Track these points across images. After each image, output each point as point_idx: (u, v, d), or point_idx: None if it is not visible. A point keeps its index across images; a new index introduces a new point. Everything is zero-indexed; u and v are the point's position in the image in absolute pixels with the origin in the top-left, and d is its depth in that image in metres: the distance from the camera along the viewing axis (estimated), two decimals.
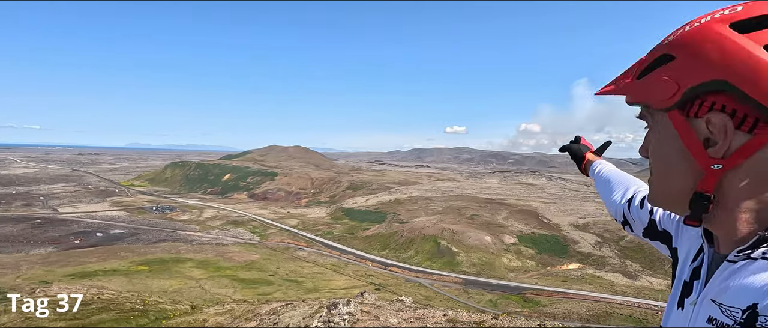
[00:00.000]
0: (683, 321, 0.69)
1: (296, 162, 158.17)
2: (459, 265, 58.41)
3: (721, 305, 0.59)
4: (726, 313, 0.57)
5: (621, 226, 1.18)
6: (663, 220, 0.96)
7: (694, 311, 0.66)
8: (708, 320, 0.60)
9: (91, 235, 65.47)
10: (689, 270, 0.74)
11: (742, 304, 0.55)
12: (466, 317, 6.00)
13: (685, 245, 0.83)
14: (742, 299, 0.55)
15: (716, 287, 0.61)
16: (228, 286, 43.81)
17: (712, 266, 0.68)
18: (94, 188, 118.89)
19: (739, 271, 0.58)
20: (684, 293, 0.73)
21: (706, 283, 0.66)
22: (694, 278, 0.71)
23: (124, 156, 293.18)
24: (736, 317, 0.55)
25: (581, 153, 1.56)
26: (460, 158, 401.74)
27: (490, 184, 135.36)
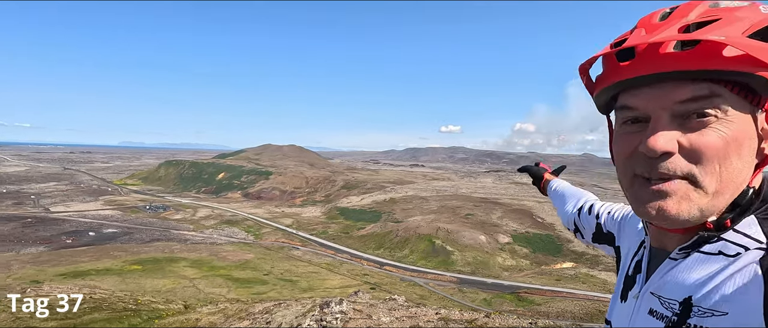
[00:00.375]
0: (627, 313, 0.72)
1: (291, 161, 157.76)
2: (454, 264, 58.60)
3: (661, 298, 0.62)
4: (665, 305, 0.61)
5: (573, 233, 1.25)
6: (607, 222, 1.01)
7: (636, 304, 0.69)
8: (649, 312, 0.64)
9: (83, 234, 64.91)
10: (632, 264, 0.77)
11: (679, 296, 0.59)
12: (458, 315, 6.04)
13: (626, 243, 0.87)
14: (679, 292, 0.59)
15: (657, 281, 0.65)
16: (222, 285, 43.65)
17: (651, 260, 0.70)
18: (87, 186, 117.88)
19: (677, 266, 0.62)
20: (627, 286, 0.75)
21: (647, 277, 0.69)
22: (636, 272, 0.74)
23: (116, 154, 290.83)
24: (674, 308, 0.59)
25: (539, 174, 1.66)
26: (455, 158, 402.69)
27: (485, 183, 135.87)
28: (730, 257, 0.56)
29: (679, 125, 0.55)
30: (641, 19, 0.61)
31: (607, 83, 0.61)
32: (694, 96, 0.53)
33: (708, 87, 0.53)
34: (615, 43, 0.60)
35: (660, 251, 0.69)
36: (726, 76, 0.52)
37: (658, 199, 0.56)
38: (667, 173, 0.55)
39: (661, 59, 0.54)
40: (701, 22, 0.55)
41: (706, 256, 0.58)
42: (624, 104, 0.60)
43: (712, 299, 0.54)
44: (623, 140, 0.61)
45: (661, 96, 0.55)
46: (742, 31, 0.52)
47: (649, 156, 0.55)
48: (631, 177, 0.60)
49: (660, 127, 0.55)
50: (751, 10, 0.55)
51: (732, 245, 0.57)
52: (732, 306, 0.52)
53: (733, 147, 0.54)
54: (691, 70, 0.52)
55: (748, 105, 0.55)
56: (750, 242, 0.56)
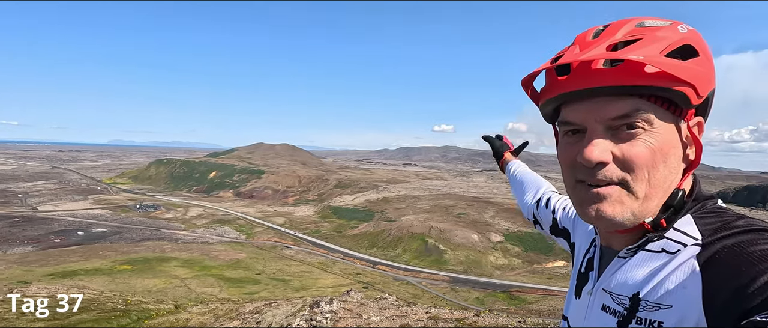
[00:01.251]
0: (582, 309, 0.77)
1: (283, 160, 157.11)
2: (446, 263, 58.81)
3: (613, 294, 0.67)
4: (616, 301, 0.66)
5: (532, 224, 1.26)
6: (562, 218, 1.05)
7: (590, 300, 0.74)
8: (602, 307, 0.69)
9: (72, 234, 64.03)
10: (584, 262, 0.82)
11: (628, 293, 0.64)
12: (449, 314, 6.07)
13: (579, 240, 0.92)
14: (628, 288, 0.64)
15: (607, 278, 0.70)
16: (213, 285, 43.36)
17: (603, 257, 0.76)
18: (76, 185, 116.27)
19: (626, 264, 0.67)
20: (580, 283, 0.80)
21: (599, 274, 0.74)
22: (588, 269, 0.79)
23: (106, 153, 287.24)
24: (625, 304, 0.64)
25: (501, 151, 1.65)
26: (447, 157, 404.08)
27: (478, 182, 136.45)
28: (671, 253, 0.61)
29: (611, 136, 0.61)
30: (577, 36, 0.67)
31: (548, 96, 0.67)
32: (623, 111, 0.59)
33: (634, 102, 0.59)
34: (554, 59, 0.66)
35: (609, 249, 0.74)
36: (649, 91, 0.58)
37: (596, 202, 0.62)
38: (603, 180, 0.61)
39: (592, 75, 0.59)
40: (627, 41, 0.61)
41: (650, 254, 0.63)
42: (564, 119, 0.66)
43: (657, 293, 0.59)
44: (565, 150, 0.66)
45: (595, 110, 0.61)
46: (660, 51, 0.58)
47: (586, 166, 0.61)
48: (574, 183, 0.66)
49: (594, 138, 0.61)
50: (670, 31, 0.61)
51: (672, 242, 0.62)
52: (675, 299, 0.56)
53: (660, 155, 0.60)
54: (619, 86, 0.58)
55: (672, 116, 0.61)
56: (687, 239, 0.60)
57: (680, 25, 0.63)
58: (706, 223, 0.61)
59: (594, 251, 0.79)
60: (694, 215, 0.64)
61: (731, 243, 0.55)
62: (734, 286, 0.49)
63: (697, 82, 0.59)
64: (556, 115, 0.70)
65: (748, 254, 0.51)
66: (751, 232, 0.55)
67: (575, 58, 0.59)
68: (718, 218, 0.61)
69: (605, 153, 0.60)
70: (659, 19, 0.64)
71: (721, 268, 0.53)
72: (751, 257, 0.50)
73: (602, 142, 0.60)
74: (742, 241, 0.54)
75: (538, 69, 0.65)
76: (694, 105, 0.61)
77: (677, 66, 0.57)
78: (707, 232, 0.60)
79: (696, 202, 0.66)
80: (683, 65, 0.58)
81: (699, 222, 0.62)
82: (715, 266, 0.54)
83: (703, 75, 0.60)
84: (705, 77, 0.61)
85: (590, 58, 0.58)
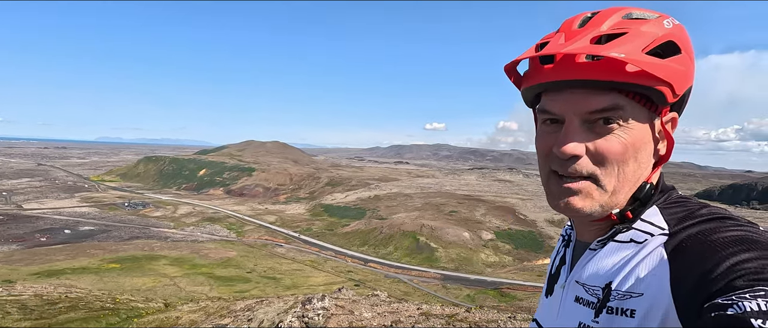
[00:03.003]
0: (554, 303, 0.78)
1: (274, 158, 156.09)
2: (438, 261, 59.07)
3: (585, 286, 0.68)
4: (589, 292, 0.67)
5: None
6: None
7: (563, 293, 0.75)
8: (575, 299, 0.70)
9: (58, 232, 62.94)
10: (556, 261, 0.84)
11: (600, 283, 0.65)
12: (440, 310, 6.13)
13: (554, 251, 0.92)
14: (600, 279, 0.65)
15: (580, 269, 0.71)
16: (204, 284, 42.99)
17: (575, 251, 0.78)
18: (62, 183, 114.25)
19: (596, 255, 0.68)
20: (553, 280, 0.82)
21: (571, 267, 0.76)
22: (560, 265, 0.81)
23: (93, 150, 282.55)
24: (598, 294, 0.65)
25: None
26: (439, 155, 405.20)
27: (469, 180, 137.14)
28: (640, 243, 0.62)
29: (587, 130, 0.62)
30: (565, 22, 0.68)
31: (530, 83, 0.68)
32: (601, 105, 0.60)
33: (613, 97, 0.60)
34: (539, 44, 0.66)
35: (581, 242, 0.76)
36: (628, 87, 0.59)
37: (567, 195, 0.64)
38: (575, 173, 0.63)
39: (575, 68, 0.60)
40: (611, 34, 0.61)
41: (619, 244, 0.65)
42: (544, 107, 0.67)
43: (628, 282, 0.60)
44: (542, 139, 0.68)
45: (574, 102, 0.62)
46: (642, 48, 0.58)
47: (560, 158, 0.63)
48: (548, 173, 0.67)
49: (571, 131, 0.62)
50: (656, 25, 0.61)
51: (640, 232, 0.64)
52: (646, 287, 0.58)
53: (631, 151, 0.62)
54: (599, 80, 0.59)
55: (647, 113, 0.62)
56: (654, 229, 0.62)
57: (666, 20, 0.63)
58: (672, 213, 0.63)
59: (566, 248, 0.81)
60: (660, 205, 0.66)
61: (696, 231, 0.57)
62: (699, 272, 0.51)
63: (675, 80, 0.60)
64: (536, 100, 0.70)
65: (712, 241, 0.53)
66: (714, 220, 0.58)
67: (559, 49, 0.59)
68: (682, 208, 0.64)
69: (579, 147, 0.61)
70: (647, 10, 0.64)
71: (686, 255, 0.55)
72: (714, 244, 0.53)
73: (578, 135, 0.62)
74: (706, 229, 0.56)
75: (522, 56, 0.65)
76: (670, 103, 0.62)
77: (657, 65, 0.58)
78: (673, 221, 0.62)
79: (662, 193, 0.68)
80: (663, 64, 0.58)
81: (664, 212, 0.64)
82: (682, 253, 0.56)
83: (682, 73, 0.61)
84: (684, 75, 0.61)
85: (573, 51, 0.58)
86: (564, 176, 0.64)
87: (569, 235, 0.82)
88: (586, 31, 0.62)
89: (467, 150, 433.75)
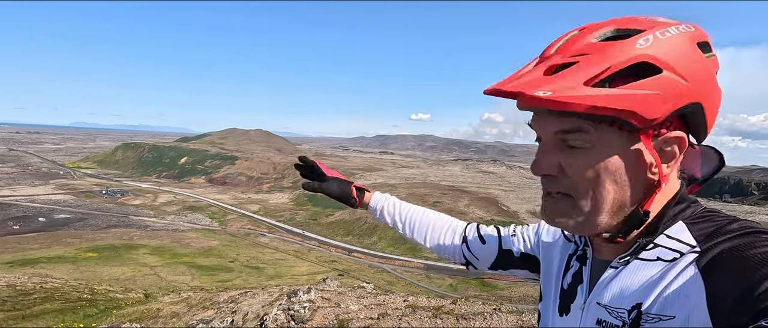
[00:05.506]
0: (572, 325, 0.73)
1: (257, 146, 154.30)
2: (421, 250, 59.62)
3: (608, 307, 0.64)
4: (613, 315, 0.62)
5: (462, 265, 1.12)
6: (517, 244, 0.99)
7: (583, 315, 0.70)
8: (597, 322, 0.65)
9: (32, 220, 61.10)
10: (569, 277, 0.78)
11: (626, 305, 0.61)
12: (426, 302, 6.16)
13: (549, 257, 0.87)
14: (626, 300, 0.61)
15: (601, 290, 0.66)
16: (185, 273, 42.43)
17: (593, 270, 0.72)
18: (36, 169, 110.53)
19: (619, 274, 0.64)
20: (568, 299, 0.76)
21: (590, 287, 0.70)
22: (576, 283, 0.74)
23: (68, 135, 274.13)
24: (623, 317, 0.61)
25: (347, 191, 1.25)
26: (424, 146, 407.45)
27: (453, 171, 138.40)
28: (667, 261, 0.59)
29: (560, 150, 0.61)
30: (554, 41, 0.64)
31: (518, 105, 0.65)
32: (563, 127, 0.59)
33: (575, 121, 0.58)
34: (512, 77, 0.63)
35: (599, 260, 0.71)
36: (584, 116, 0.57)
37: (549, 210, 0.64)
38: (552, 190, 0.63)
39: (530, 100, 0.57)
40: (565, 64, 0.58)
41: (645, 262, 0.61)
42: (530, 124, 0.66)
43: (658, 303, 0.57)
44: None
45: (543, 123, 0.62)
46: (585, 80, 0.56)
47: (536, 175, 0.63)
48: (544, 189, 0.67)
49: (545, 150, 0.62)
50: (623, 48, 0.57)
51: (667, 250, 0.60)
52: (678, 309, 0.55)
53: (606, 173, 0.59)
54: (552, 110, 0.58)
55: (619, 135, 0.58)
56: (683, 246, 0.59)
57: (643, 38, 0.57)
58: (700, 228, 0.60)
59: (580, 265, 0.76)
60: (687, 221, 0.62)
61: (730, 246, 0.54)
62: (739, 290, 0.48)
63: (637, 107, 0.55)
64: None
65: (750, 257, 0.50)
66: (747, 235, 0.54)
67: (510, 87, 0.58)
68: (711, 223, 0.60)
69: (552, 167, 0.61)
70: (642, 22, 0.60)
71: (723, 273, 0.52)
72: (752, 260, 0.50)
73: (551, 154, 0.61)
74: (741, 244, 0.53)
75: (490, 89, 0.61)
76: (640, 127, 0.57)
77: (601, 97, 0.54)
78: (701, 237, 0.58)
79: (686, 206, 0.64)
80: (610, 96, 0.54)
81: (692, 228, 0.60)
82: (717, 271, 0.53)
83: (652, 97, 0.55)
84: (656, 99, 0.55)
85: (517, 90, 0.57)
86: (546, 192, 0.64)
87: (585, 252, 0.76)
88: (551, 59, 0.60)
89: (452, 141, 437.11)
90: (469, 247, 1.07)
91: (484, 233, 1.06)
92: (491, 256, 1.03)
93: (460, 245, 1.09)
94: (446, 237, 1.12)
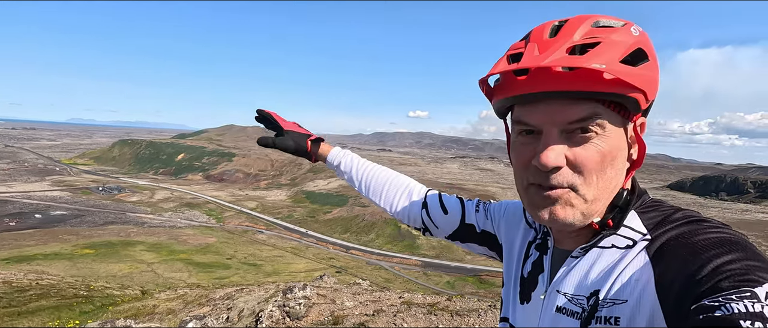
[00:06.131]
0: (533, 313, 0.75)
1: (255, 143, 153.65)
2: (419, 248, 59.82)
3: (567, 295, 0.67)
4: (573, 302, 0.66)
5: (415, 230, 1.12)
6: (480, 221, 0.99)
7: (544, 303, 0.72)
8: (557, 309, 0.68)
9: (28, 216, 60.87)
10: (528, 265, 0.80)
11: (585, 292, 0.64)
12: (421, 299, 6.17)
13: (509, 244, 0.89)
14: (585, 288, 0.65)
15: (562, 279, 0.69)
16: (182, 270, 42.40)
17: (554, 258, 0.75)
18: (31, 165, 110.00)
19: (579, 263, 0.67)
20: (529, 287, 0.78)
21: (551, 276, 0.73)
22: (537, 273, 0.77)
23: (65, 132, 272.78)
24: (583, 304, 0.64)
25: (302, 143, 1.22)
26: (422, 143, 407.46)
27: (451, 169, 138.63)
28: (621, 249, 0.63)
29: (566, 140, 0.61)
30: (534, 31, 0.66)
31: (504, 95, 0.66)
32: (580, 115, 0.59)
33: (592, 106, 0.59)
34: (510, 56, 0.65)
35: (560, 250, 0.74)
36: (605, 97, 0.59)
37: (549, 205, 0.63)
38: (556, 184, 0.62)
39: (551, 79, 0.59)
40: (585, 44, 0.60)
41: (602, 250, 0.65)
42: (519, 119, 0.65)
43: (613, 289, 0.60)
44: (519, 151, 0.66)
45: (552, 113, 0.61)
46: (617, 57, 0.58)
47: (541, 170, 0.62)
48: (527, 185, 0.66)
49: (550, 142, 0.61)
50: (624, 33, 0.61)
51: (622, 238, 0.64)
52: (630, 293, 0.58)
53: (609, 159, 0.62)
54: (577, 91, 0.58)
55: (621, 120, 0.62)
56: (635, 234, 0.63)
57: (633, 27, 0.62)
58: (649, 217, 0.64)
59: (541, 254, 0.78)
60: (637, 209, 0.66)
61: (676, 234, 0.58)
62: (684, 274, 0.52)
63: (647, 87, 0.60)
64: (507, 111, 0.70)
65: (694, 243, 0.55)
66: (691, 222, 0.59)
67: (537, 62, 0.58)
68: (658, 212, 0.65)
69: (560, 158, 0.61)
70: (613, 18, 0.64)
71: (670, 258, 0.56)
72: (697, 246, 0.54)
73: (557, 146, 0.61)
74: (686, 231, 0.58)
75: (497, 70, 0.63)
76: (643, 110, 0.62)
77: (631, 73, 0.58)
78: (651, 225, 0.63)
79: (638, 197, 0.68)
80: (636, 72, 0.58)
81: (642, 217, 0.65)
82: (665, 256, 0.57)
83: (652, 80, 0.61)
84: (654, 82, 0.62)
85: (551, 64, 0.57)
86: (545, 186, 0.63)
87: (545, 241, 0.78)
88: (560, 42, 0.61)
89: (450, 139, 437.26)
90: (429, 214, 1.05)
91: (446, 203, 1.05)
92: (451, 227, 1.02)
93: (420, 211, 1.06)
94: (402, 198, 1.10)
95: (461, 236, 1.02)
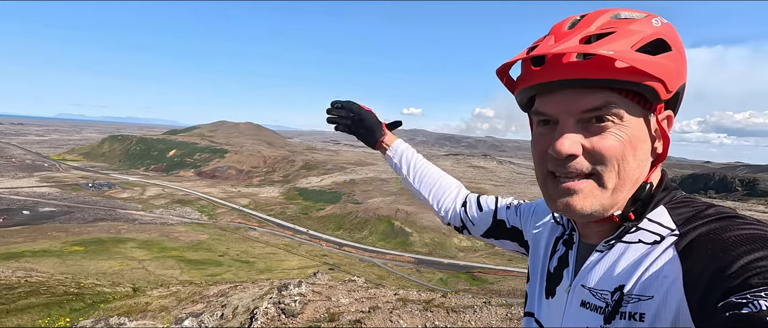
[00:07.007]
0: (558, 307, 0.75)
1: (247, 139, 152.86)
2: (412, 245, 59.97)
3: (592, 290, 0.66)
4: (597, 296, 0.65)
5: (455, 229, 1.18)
6: (510, 218, 1.03)
7: (568, 298, 0.72)
8: (581, 304, 0.68)
9: (15, 213, 59.90)
10: (554, 260, 0.80)
11: (610, 287, 0.64)
12: (416, 296, 6.18)
13: (535, 239, 0.91)
14: (610, 282, 0.64)
15: (586, 273, 0.69)
16: (174, 267, 42.08)
17: (579, 253, 0.75)
18: (19, 161, 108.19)
19: (604, 258, 0.67)
20: (554, 282, 0.79)
21: (576, 271, 0.73)
22: (562, 267, 0.77)
23: (53, 127, 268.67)
24: (607, 299, 0.64)
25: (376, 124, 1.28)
26: (415, 141, 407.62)
27: (444, 166, 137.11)
28: (648, 244, 0.62)
29: (582, 129, 0.62)
30: (554, 26, 0.67)
31: (523, 85, 0.67)
32: (594, 104, 0.60)
33: (605, 95, 0.60)
34: (530, 48, 0.66)
35: (585, 244, 0.73)
36: (620, 85, 0.59)
37: (566, 195, 0.63)
38: (573, 173, 0.62)
39: (565, 68, 0.60)
40: (600, 34, 0.61)
41: (628, 245, 0.64)
42: (537, 109, 0.67)
43: (639, 285, 0.60)
44: (537, 141, 0.67)
45: (567, 102, 0.62)
46: (631, 46, 0.58)
47: (557, 158, 0.62)
48: (545, 174, 0.66)
49: (566, 131, 0.62)
50: (644, 24, 0.61)
51: (648, 233, 0.63)
52: (656, 289, 0.57)
53: (629, 148, 0.61)
54: (590, 79, 0.59)
55: (641, 110, 0.62)
56: (663, 229, 0.62)
57: (655, 19, 0.63)
58: (679, 213, 0.63)
59: (566, 249, 0.78)
60: (667, 205, 0.65)
61: (706, 230, 0.57)
62: (712, 270, 0.51)
63: (666, 77, 0.60)
64: (530, 104, 0.70)
65: (724, 239, 0.53)
66: (723, 219, 0.58)
67: (549, 50, 0.60)
68: (689, 208, 0.63)
69: (575, 146, 0.61)
70: (635, 10, 0.64)
71: (699, 254, 0.55)
72: (726, 242, 0.53)
73: (573, 135, 0.61)
74: (716, 227, 0.56)
75: (514, 59, 0.65)
76: (663, 100, 0.62)
77: (647, 61, 0.58)
78: (680, 221, 0.61)
79: (666, 192, 0.67)
80: (653, 60, 0.58)
81: (672, 212, 0.64)
82: (693, 252, 0.56)
83: (673, 70, 0.61)
84: (675, 72, 0.61)
85: (562, 51, 0.58)
86: (562, 176, 0.63)
87: (571, 236, 0.78)
88: (576, 32, 0.62)
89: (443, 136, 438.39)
90: (467, 211, 1.12)
91: (482, 201, 1.12)
92: (486, 224, 1.08)
93: (460, 209, 1.14)
94: (449, 197, 1.19)
95: (495, 233, 1.06)
